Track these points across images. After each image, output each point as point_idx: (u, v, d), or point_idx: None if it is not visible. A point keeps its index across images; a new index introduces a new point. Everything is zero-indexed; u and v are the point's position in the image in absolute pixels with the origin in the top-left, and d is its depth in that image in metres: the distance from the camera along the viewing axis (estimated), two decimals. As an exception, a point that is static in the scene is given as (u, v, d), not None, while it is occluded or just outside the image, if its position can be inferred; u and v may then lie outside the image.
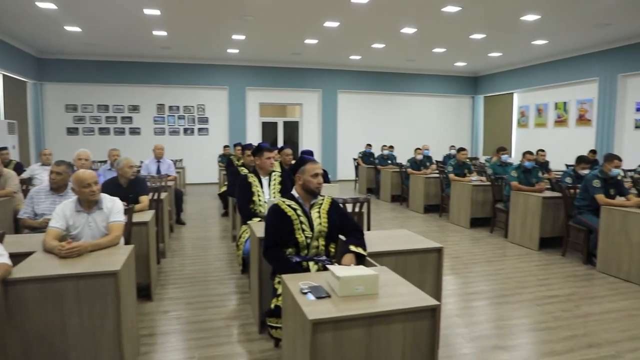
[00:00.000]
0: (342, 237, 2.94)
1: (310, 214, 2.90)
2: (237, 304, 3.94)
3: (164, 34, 9.67)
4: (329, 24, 8.86)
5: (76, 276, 2.40)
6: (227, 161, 8.63)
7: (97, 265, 2.54)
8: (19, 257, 2.62)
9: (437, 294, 3.06)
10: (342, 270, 2.18)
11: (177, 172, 8.63)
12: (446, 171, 7.98)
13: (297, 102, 14.13)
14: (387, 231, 3.74)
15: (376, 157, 11.21)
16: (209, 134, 13.32)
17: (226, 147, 11.86)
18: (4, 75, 9.95)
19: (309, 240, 2.83)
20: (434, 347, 2.01)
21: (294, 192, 2.98)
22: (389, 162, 10.71)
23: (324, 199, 3.01)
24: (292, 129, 14.41)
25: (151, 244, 4.09)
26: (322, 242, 2.88)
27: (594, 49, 10.77)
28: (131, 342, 2.75)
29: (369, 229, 4.23)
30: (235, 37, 10.01)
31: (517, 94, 13.81)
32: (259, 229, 3.25)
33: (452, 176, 7.69)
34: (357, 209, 4.21)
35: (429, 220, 7.97)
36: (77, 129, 12.38)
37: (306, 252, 2.84)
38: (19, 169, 6.81)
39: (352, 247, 2.74)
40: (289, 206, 2.88)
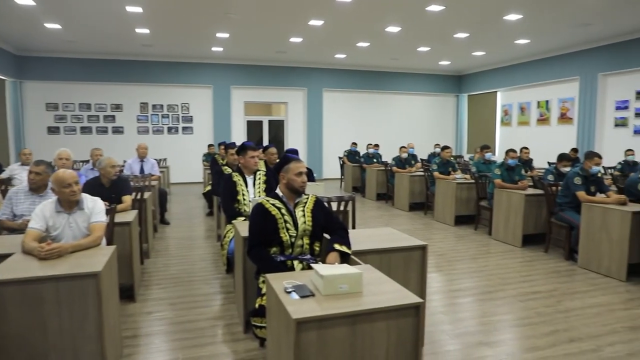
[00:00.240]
0: (326, 236, 2.94)
1: (294, 212, 2.89)
2: (222, 303, 3.92)
3: (146, 31, 9.54)
4: (313, 23, 8.85)
5: (56, 278, 2.36)
6: (211, 160, 8.56)
7: (78, 266, 2.50)
8: (-3, 259, 2.57)
9: (421, 291, 3.08)
10: (326, 268, 2.17)
11: (161, 172, 8.55)
12: (431, 169, 8.03)
13: (282, 101, 14.09)
14: (371, 229, 3.75)
15: (361, 155, 11.23)
16: (194, 132, 13.20)
17: (211, 146, 11.75)
18: (-18, 73, 9.75)
19: (293, 239, 2.83)
20: (418, 344, 2.02)
21: (278, 191, 2.97)
22: (375, 160, 10.74)
23: (308, 198, 3.00)
24: (278, 128, 14.36)
25: (134, 244, 4.04)
26: (306, 240, 2.87)
27: (575, 49, 10.96)
28: (114, 344, 2.71)
29: (354, 227, 4.23)
30: (219, 35, 9.93)
31: (501, 93, 13.98)
32: (244, 228, 3.23)
33: (436, 174, 7.74)
34: (342, 208, 4.21)
35: (414, 218, 8.02)
36: (58, 128, 12.14)
37: (290, 251, 2.83)
38: (-2, 169, 6.68)
39: (337, 246, 2.74)
40: (273, 205, 2.87)
